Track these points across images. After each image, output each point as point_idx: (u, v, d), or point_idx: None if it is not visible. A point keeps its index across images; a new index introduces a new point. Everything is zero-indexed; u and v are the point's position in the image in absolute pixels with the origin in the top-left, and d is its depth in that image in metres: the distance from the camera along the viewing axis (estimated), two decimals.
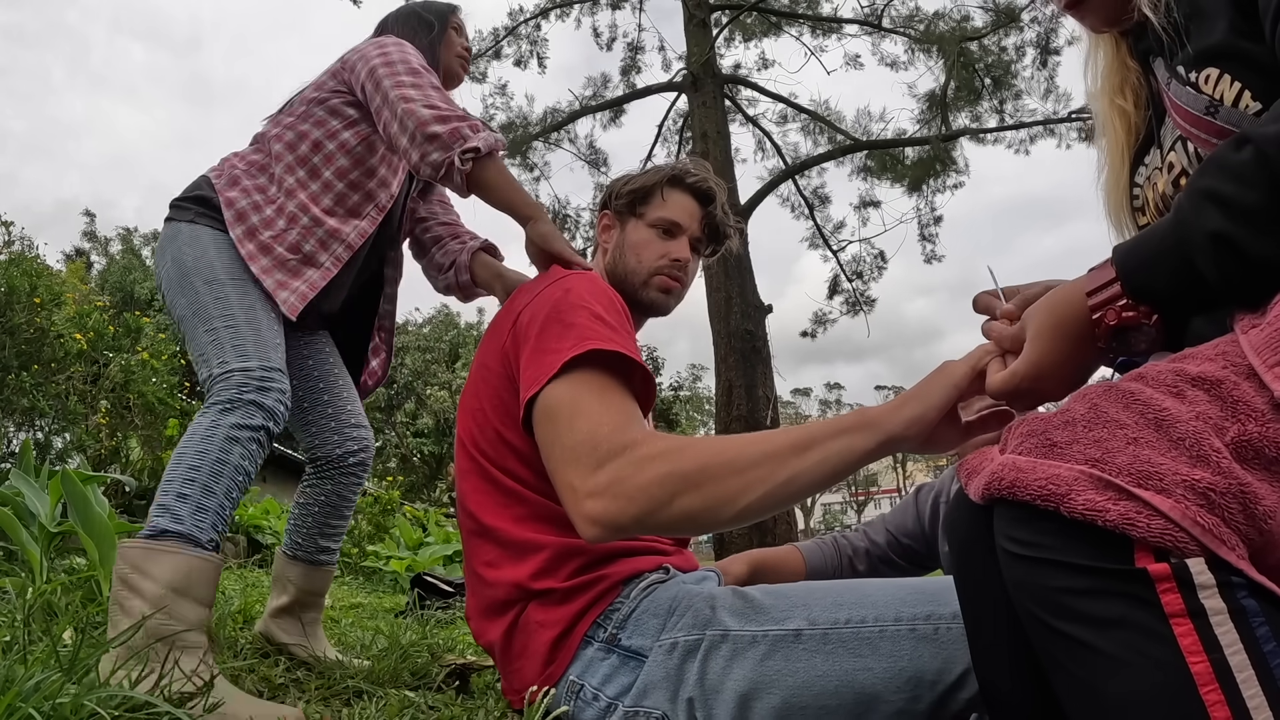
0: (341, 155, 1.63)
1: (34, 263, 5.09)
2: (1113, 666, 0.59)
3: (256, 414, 1.39)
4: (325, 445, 1.74)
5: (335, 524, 1.78)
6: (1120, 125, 0.97)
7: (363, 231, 1.64)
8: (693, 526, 0.96)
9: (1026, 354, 0.80)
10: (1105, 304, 0.76)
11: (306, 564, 1.76)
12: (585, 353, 1.04)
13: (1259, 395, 0.63)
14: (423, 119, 1.47)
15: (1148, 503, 0.59)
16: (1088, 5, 0.93)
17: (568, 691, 1.09)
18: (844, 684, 0.96)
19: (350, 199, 1.63)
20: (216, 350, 1.43)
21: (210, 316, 1.46)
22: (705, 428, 31.02)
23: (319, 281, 1.56)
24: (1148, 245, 0.74)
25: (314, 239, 1.58)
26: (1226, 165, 0.69)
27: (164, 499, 1.31)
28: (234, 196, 1.58)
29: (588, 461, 0.97)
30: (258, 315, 1.48)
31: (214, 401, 1.39)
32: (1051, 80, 9.11)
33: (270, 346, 1.46)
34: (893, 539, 1.88)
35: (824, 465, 0.90)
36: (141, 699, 1.04)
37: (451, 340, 25.65)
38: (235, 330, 1.44)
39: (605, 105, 10.22)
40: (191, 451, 1.34)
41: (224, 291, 1.48)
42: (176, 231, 1.55)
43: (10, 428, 4.72)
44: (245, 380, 1.39)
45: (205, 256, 1.51)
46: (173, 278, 1.52)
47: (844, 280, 10.36)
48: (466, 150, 1.45)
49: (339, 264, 1.60)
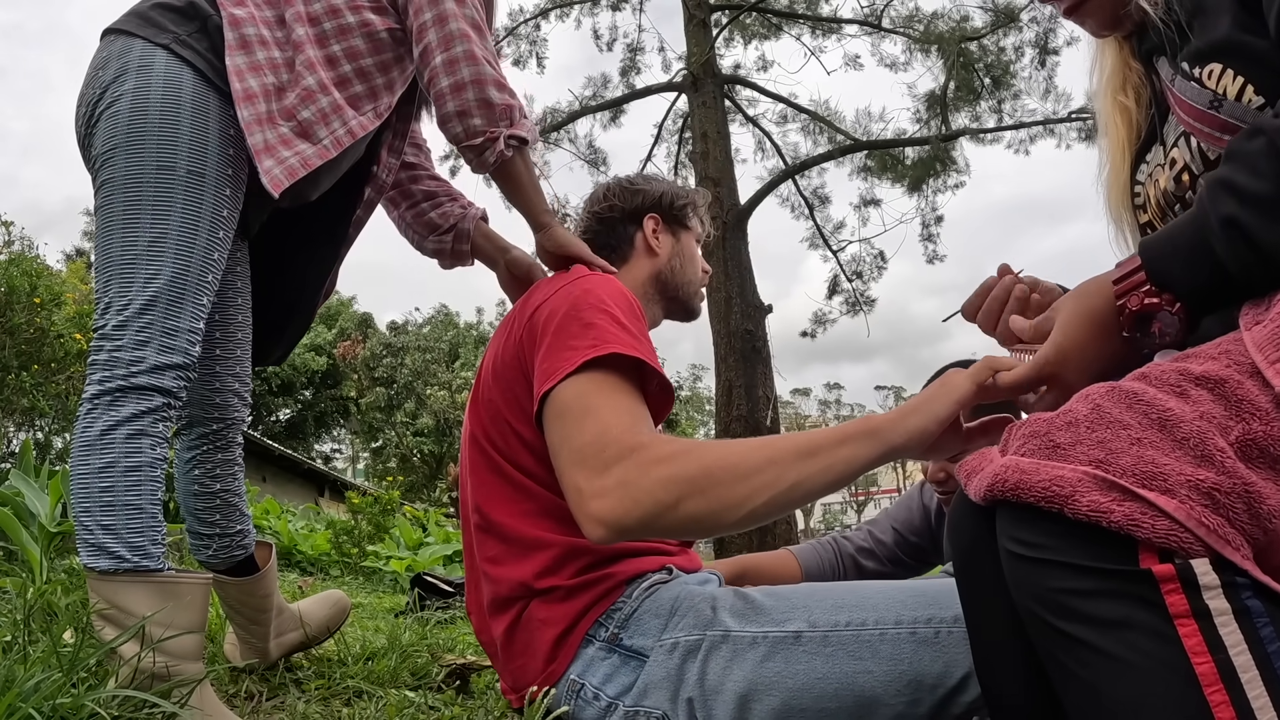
0: (360, 34, 1.36)
1: (34, 263, 5.09)
2: (1117, 668, 0.59)
3: (154, 395, 1.17)
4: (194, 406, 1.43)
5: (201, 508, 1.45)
6: (1122, 122, 0.98)
7: (363, 125, 1.35)
8: (698, 530, 0.96)
9: (1053, 339, 0.83)
10: (1129, 289, 0.78)
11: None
12: (602, 356, 1.04)
13: (1263, 393, 0.63)
14: (483, 76, 1.29)
15: (1152, 503, 0.59)
16: (1087, 9, 0.95)
17: (568, 690, 1.08)
18: (844, 686, 0.96)
19: (353, 87, 1.36)
20: (122, 288, 1.17)
21: (139, 225, 1.18)
22: (705, 428, 31.05)
23: (313, 159, 1.27)
24: (1170, 232, 0.76)
25: (314, 108, 1.29)
26: (1241, 155, 0.71)
27: (89, 535, 1.13)
28: (241, 16, 1.28)
29: (595, 463, 0.96)
30: (196, 244, 1.20)
31: (100, 392, 1.15)
32: (1051, 80, 9.12)
33: (190, 305, 1.20)
34: (900, 538, 1.88)
35: (829, 472, 0.93)
36: (141, 699, 1.03)
37: (451, 340, 25.65)
38: (158, 263, 1.17)
39: (605, 105, 10.23)
40: (95, 469, 1.13)
41: (173, 192, 1.19)
42: (151, 59, 1.22)
43: (10, 428, 4.72)
44: (137, 359, 1.16)
45: (176, 117, 1.20)
46: (123, 122, 1.19)
47: (844, 280, 10.37)
48: (514, 136, 1.32)
49: (339, 146, 1.30)
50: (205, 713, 1.13)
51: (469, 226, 1.59)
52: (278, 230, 1.50)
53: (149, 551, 1.14)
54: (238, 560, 1.46)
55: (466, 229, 1.59)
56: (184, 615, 1.16)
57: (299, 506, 9.24)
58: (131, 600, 1.12)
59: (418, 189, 1.63)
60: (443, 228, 1.59)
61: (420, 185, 1.63)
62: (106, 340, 1.17)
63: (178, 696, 1.11)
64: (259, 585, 1.48)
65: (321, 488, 18.39)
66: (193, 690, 1.12)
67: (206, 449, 1.43)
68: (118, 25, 1.27)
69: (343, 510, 6.51)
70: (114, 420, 1.14)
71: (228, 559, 1.45)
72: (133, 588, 1.13)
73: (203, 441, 1.43)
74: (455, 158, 8.16)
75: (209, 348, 1.39)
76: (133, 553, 1.13)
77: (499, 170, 1.35)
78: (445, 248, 1.59)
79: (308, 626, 1.57)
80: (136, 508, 1.14)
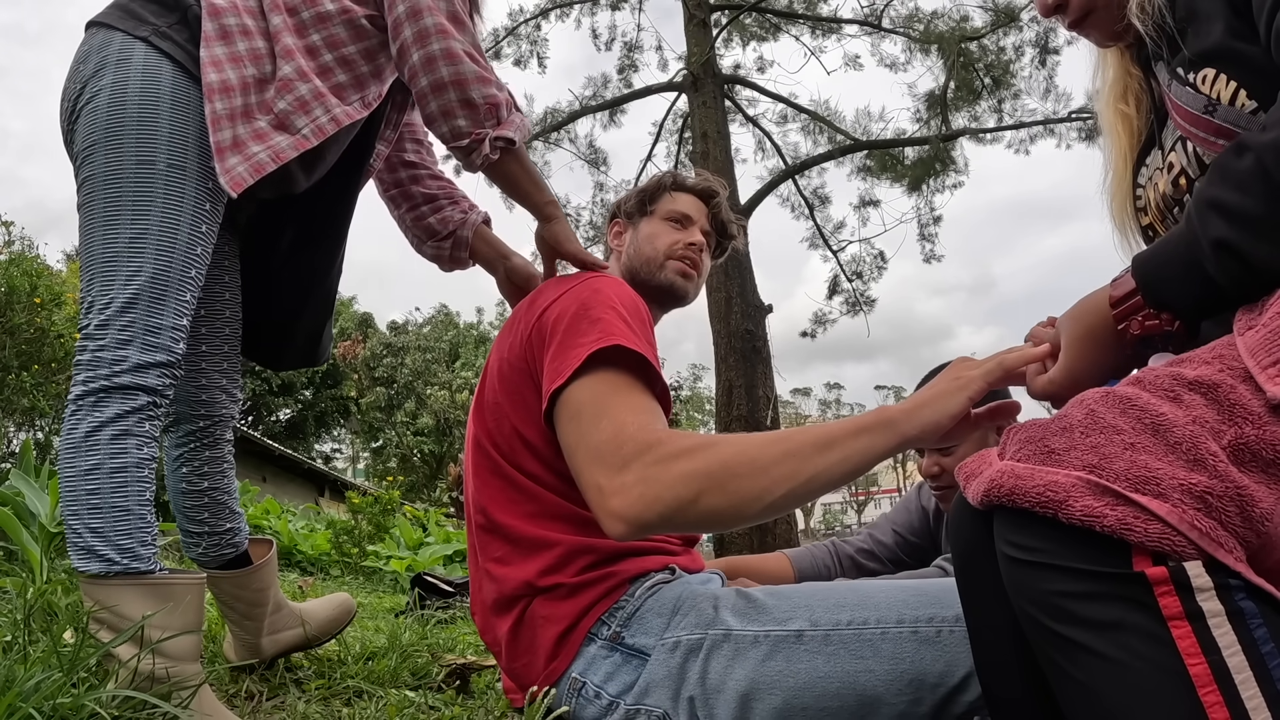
0: (340, 21, 1.30)
1: (34, 263, 5.10)
2: (1112, 670, 0.60)
3: (138, 394, 1.14)
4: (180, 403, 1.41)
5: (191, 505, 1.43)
6: (1123, 130, 0.99)
7: (349, 114, 1.30)
8: (718, 524, 0.97)
9: (1061, 363, 0.85)
10: (1128, 314, 0.80)
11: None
12: (609, 348, 1.05)
13: (1255, 398, 0.63)
14: (463, 75, 1.24)
15: (1145, 507, 0.59)
16: (1089, 22, 0.97)
17: (570, 689, 1.09)
18: (845, 685, 0.96)
19: (336, 75, 1.30)
20: (104, 287, 1.15)
21: (119, 221, 1.16)
22: (705, 427, 31.04)
23: (287, 151, 1.22)
24: (1162, 255, 0.77)
25: (291, 97, 1.24)
26: (1229, 174, 0.71)
27: (79, 539, 1.12)
28: (221, 6, 1.24)
29: (613, 460, 0.97)
30: (178, 239, 1.17)
31: (84, 393, 1.14)
32: (1051, 80, 9.11)
33: (173, 301, 1.17)
34: (901, 539, 1.88)
35: (845, 464, 0.94)
36: (141, 699, 1.04)
37: (451, 340, 25.66)
38: (139, 260, 1.15)
39: (605, 105, 10.22)
40: (81, 471, 1.12)
41: (153, 187, 1.16)
42: (130, 52, 1.19)
43: (10, 428, 4.73)
44: (120, 358, 1.14)
45: (155, 110, 1.17)
46: (101, 117, 1.17)
47: (844, 280, 10.37)
48: (499, 138, 1.28)
49: (320, 135, 1.25)
50: (204, 713, 1.14)
51: (467, 234, 1.56)
52: (274, 226, 1.47)
53: (139, 553, 1.13)
54: (228, 558, 1.45)
55: (465, 237, 1.56)
56: (179, 616, 1.15)
57: (299, 506, 9.25)
58: (125, 603, 1.11)
59: (418, 190, 1.59)
60: (441, 234, 1.56)
61: (420, 186, 1.59)
62: (89, 340, 1.16)
63: (179, 698, 1.11)
64: (253, 579, 1.47)
65: (322, 488, 18.40)
66: (194, 692, 1.13)
67: (194, 446, 1.42)
68: (99, 18, 1.25)
69: (343, 510, 6.51)
70: (98, 421, 1.13)
71: (218, 556, 1.44)
72: (125, 590, 1.12)
73: (190, 439, 1.42)
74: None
75: (195, 343, 1.37)
76: (122, 555, 1.12)
77: (491, 169, 1.33)
78: (444, 254, 1.57)
79: (308, 626, 1.57)
80: (124, 509, 1.12)
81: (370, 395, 24.29)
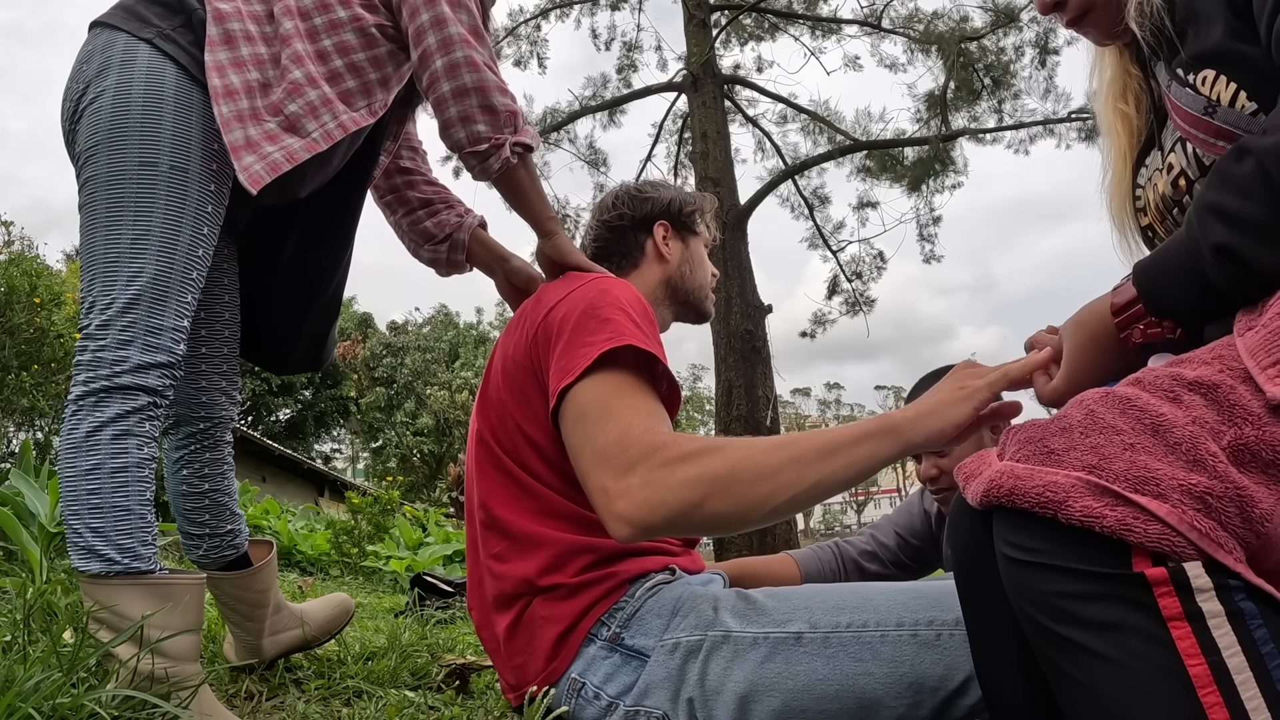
0: (351, 29, 1.32)
1: (34, 262, 5.10)
2: (1111, 670, 0.60)
3: (139, 395, 1.15)
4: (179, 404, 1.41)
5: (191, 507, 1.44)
6: (1122, 129, 0.99)
7: (356, 120, 1.32)
8: (722, 528, 0.98)
9: (1064, 370, 0.86)
10: (1130, 322, 0.80)
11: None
12: (619, 349, 1.05)
13: (1255, 399, 0.63)
14: (485, 81, 1.27)
15: (1144, 508, 0.59)
16: (1088, 20, 0.97)
17: (569, 689, 1.09)
18: (845, 688, 0.96)
19: (345, 82, 1.32)
20: (105, 287, 1.16)
21: (121, 222, 1.16)
22: (705, 428, 31.04)
23: (300, 153, 1.23)
24: (1163, 263, 0.78)
25: (301, 101, 1.25)
26: (1229, 179, 0.71)
27: (79, 539, 1.12)
28: (226, 10, 1.25)
29: (619, 463, 0.97)
30: (179, 240, 1.18)
31: (84, 393, 1.14)
32: (1051, 80, 9.11)
33: (175, 302, 1.18)
34: (902, 541, 1.88)
35: (850, 470, 0.94)
36: (141, 699, 1.04)
37: (451, 340, 25.67)
38: (141, 261, 1.16)
39: (605, 105, 10.22)
40: (81, 471, 1.12)
41: (155, 189, 1.17)
42: (134, 54, 1.20)
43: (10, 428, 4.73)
44: (120, 359, 1.14)
45: (159, 113, 1.18)
46: (105, 119, 1.18)
47: (843, 280, 10.37)
48: (519, 143, 1.31)
49: (329, 140, 1.26)
50: (204, 713, 1.14)
51: (464, 237, 1.57)
52: (277, 231, 1.48)
53: (139, 553, 1.13)
54: (229, 560, 1.45)
55: (462, 239, 1.56)
56: (179, 616, 1.15)
57: (299, 506, 9.25)
58: (125, 603, 1.12)
59: (414, 195, 1.60)
60: (438, 237, 1.57)
61: (416, 191, 1.60)
62: (90, 340, 1.16)
63: (179, 698, 1.11)
64: (253, 580, 1.47)
65: (321, 488, 18.40)
66: (193, 692, 1.13)
67: (194, 448, 1.42)
68: (104, 19, 1.25)
69: (343, 510, 6.51)
70: (99, 421, 1.13)
71: (219, 558, 1.44)
72: (125, 590, 1.12)
73: (190, 441, 1.42)
74: (457, 160, 8.16)
75: (194, 345, 1.37)
76: (122, 555, 1.12)
77: (502, 178, 1.34)
78: (440, 257, 1.58)
79: (307, 627, 1.57)
80: (124, 509, 1.13)
81: (370, 395, 24.30)
